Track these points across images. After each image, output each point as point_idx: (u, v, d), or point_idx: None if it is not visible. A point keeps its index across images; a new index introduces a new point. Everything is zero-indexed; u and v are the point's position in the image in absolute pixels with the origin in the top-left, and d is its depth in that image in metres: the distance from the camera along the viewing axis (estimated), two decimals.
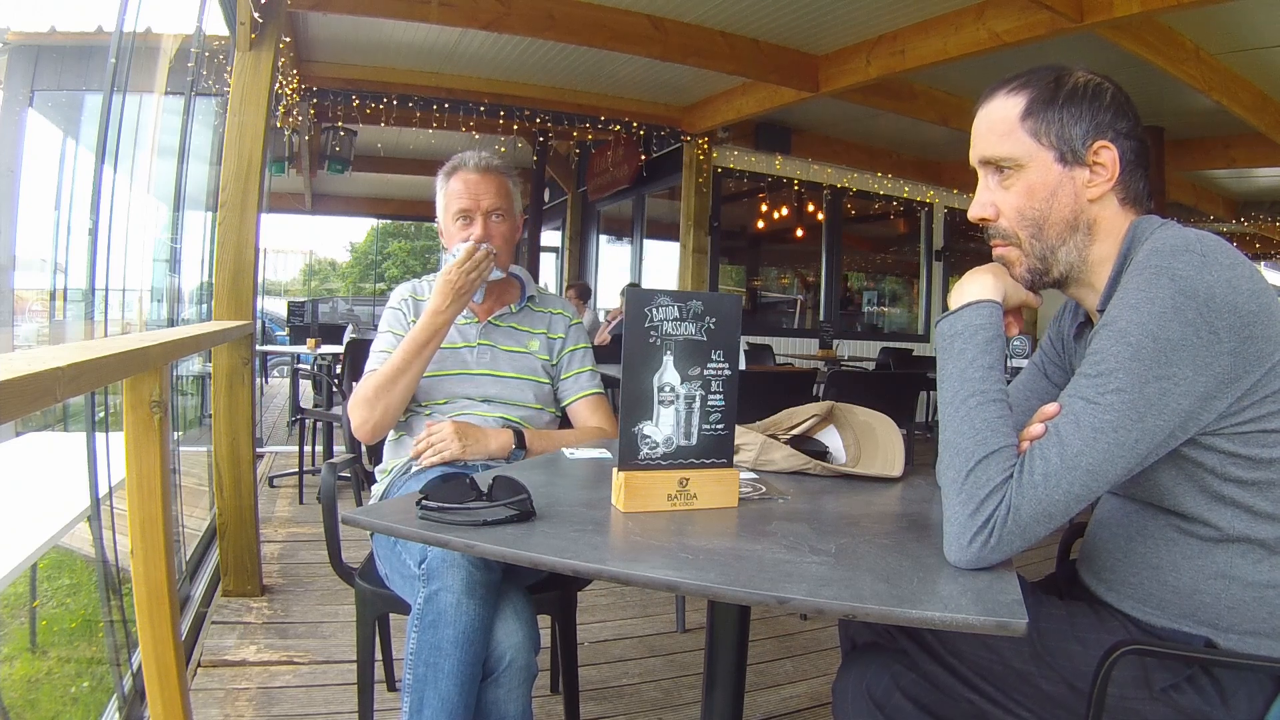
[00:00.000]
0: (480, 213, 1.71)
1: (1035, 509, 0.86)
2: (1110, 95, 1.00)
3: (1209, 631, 0.95)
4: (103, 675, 2.13)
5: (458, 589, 1.29)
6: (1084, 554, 1.10)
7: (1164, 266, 0.89)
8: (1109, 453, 0.86)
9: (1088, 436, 0.87)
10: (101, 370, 1.01)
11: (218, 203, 2.73)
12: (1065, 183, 0.99)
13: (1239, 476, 0.92)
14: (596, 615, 2.64)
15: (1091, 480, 0.87)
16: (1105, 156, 0.98)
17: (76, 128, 2.74)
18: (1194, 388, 0.87)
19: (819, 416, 1.43)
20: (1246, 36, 4.52)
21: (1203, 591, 0.95)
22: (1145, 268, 0.90)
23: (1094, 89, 1.00)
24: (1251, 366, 0.88)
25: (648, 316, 1.04)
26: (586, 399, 1.79)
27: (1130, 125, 1.00)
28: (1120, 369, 0.87)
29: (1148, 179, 1.03)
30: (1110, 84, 1.01)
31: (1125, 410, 0.86)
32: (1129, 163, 1.00)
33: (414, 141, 7.66)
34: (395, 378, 1.61)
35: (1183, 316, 0.86)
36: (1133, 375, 0.86)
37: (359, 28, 5.16)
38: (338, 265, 25.39)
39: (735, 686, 1.07)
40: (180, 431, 3.82)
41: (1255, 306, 0.88)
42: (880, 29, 4.80)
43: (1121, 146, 0.99)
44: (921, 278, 8.60)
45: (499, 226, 1.73)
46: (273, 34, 2.80)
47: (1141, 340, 0.86)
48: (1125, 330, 0.88)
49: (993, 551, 0.87)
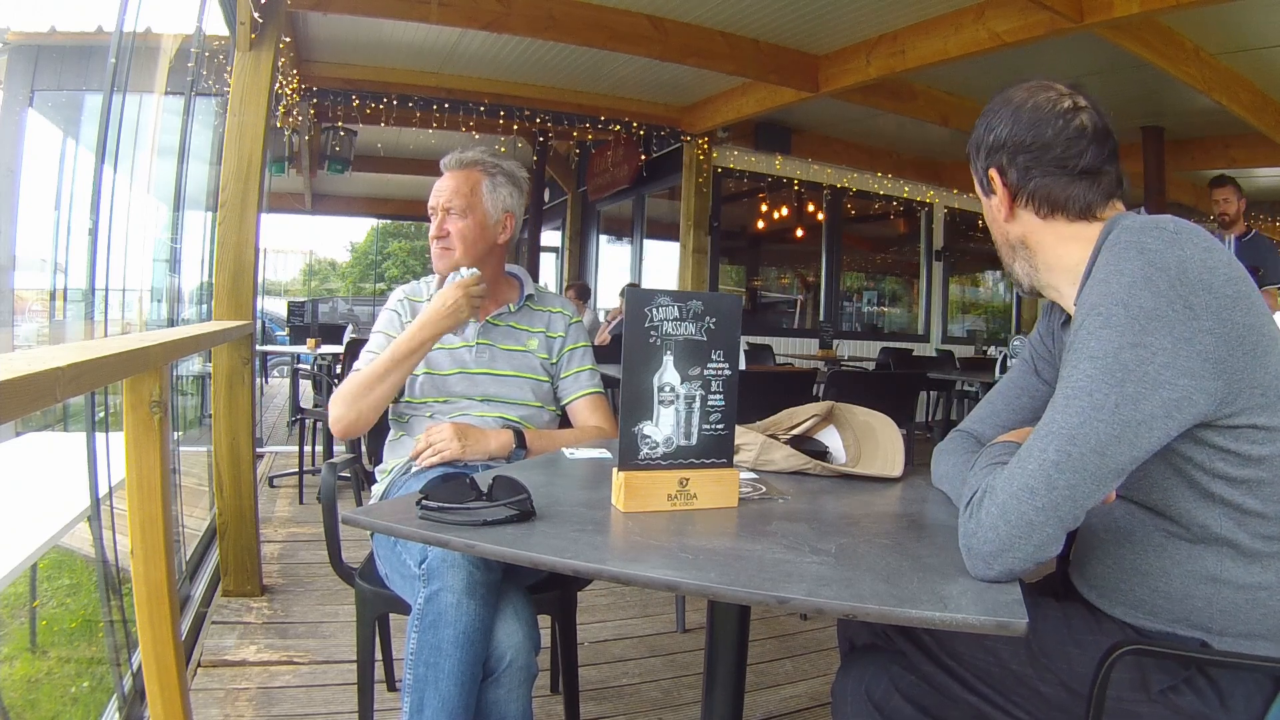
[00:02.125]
0: (440, 209, 1.72)
1: (1010, 484, 0.85)
2: (998, 122, 1.06)
3: (1203, 635, 0.94)
4: (103, 675, 2.13)
5: (458, 589, 1.29)
6: (1075, 561, 1.09)
7: (1132, 241, 0.90)
8: (1085, 416, 0.84)
9: (1061, 404, 0.86)
10: (101, 370, 1.01)
11: (218, 203, 2.73)
12: (988, 209, 1.12)
13: (1227, 473, 0.91)
14: (596, 615, 2.64)
15: (1069, 445, 0.84)
16: (997, 181, 1.07)
17: (76, 128, 2.74)
18: (1177, 360, 0.84)
19: (819, 416, 1.43)
20: (1246, 36, 4.52)
21: (1194, 596, 0.94)
22: (1115, 244, 0.92)
23: (983, 120, 1.09)
24: (1235, 350, 0.86)
25: (648, 316, 1.04)
26: (586, 398, 1.79)
27: (1019, 142, 1.03)
28: (1093, 338, 0.87)
29: (1094, 179, 1.02)
30: (1006, 110, 1.06)
31: (1099, 376, 0.85)
32: (1022, 179, 1.04)
33: (414, 141, 7.66)
34: (373, 384, 1.61)
35: (1153, 287, 0.86)
36: (1105, 342, 0.85)
37: (359, 28, 5.16)
38: (338, 265, 25.37)
39: (735, 686, 1.07)
40: (180, 431, 3.81)
41: (1232, 292, 0.87)
42: (880, 29, 4.80)
43: (1007, 166, 1.05)
44: (921, 278, 8.60)
45: (455, 223, 1.72)
46: (273, 34, 2.80)
47: (1112, 309, 0.86)
48: (1096, 304, 0.88)
49: (977, 536, 0.85)
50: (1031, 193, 1.03)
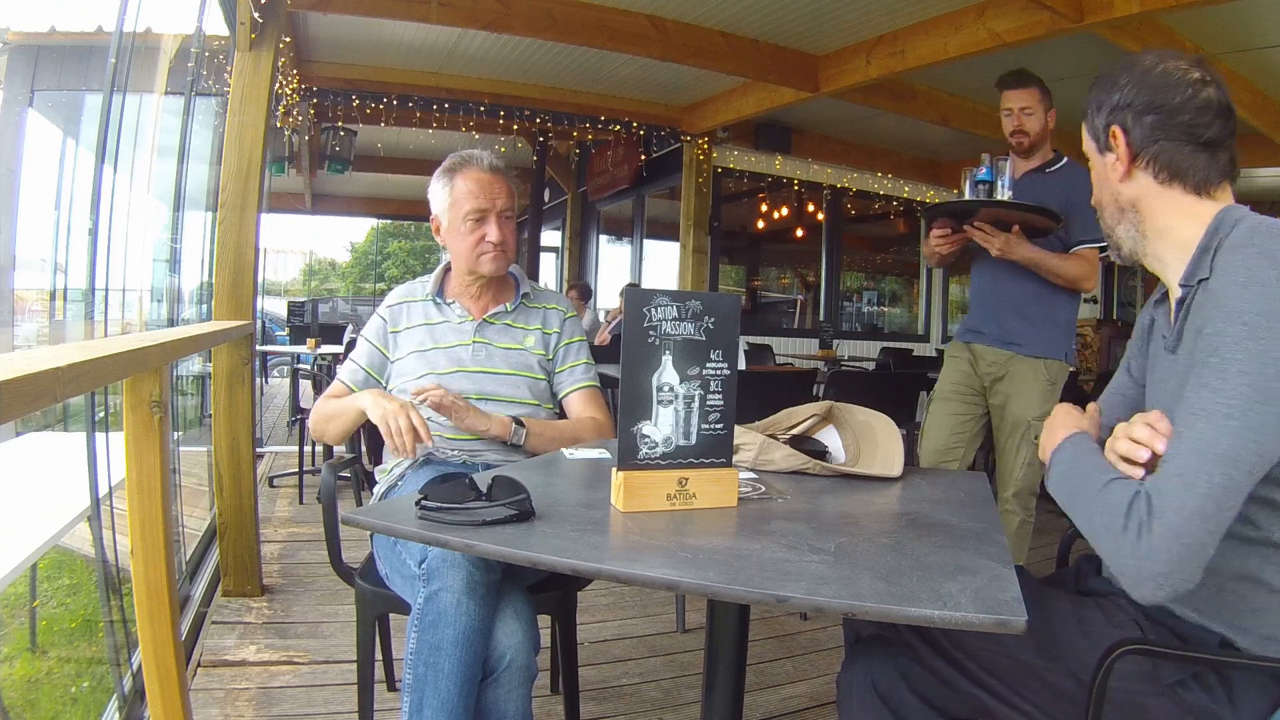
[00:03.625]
0: (495, 213, 1.73)
1: (1181, 507, 0.84)
2: (1126, 80, 1.04)
3: (1228, 630, 0.95)
4: (103, 675, 2.13)
5: (458, 589, 1.29)
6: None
7: (1265, 249, 0.89)
8: (1241, 436, 0.85)
9: (1218, 422, 0.86)
10: (101, 370, 1.02)
11: (218, 203, 2.73)
12: (1101, 168, 1.09)
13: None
14: (596, 615, 2.64)
15: (1232, 468, 0.84)
16: (1120, 138, 1.04)
17: (76, 128, 2.74)
18: None
19: (818, 416, 1.44)
20: (1246, 36, 4.52)
21: (1229, 590, 0.95)
22: (1243, 246, 0.91)
23: (1109, 78, 1.07)
24: None
25: (647, 316, 1.04)
26: (581, 392, 1.81)
27: (1147, 103, 1.02)
28: (1239, 349, 0.86)
29: (1214, 153, 1.02)
30: (1134, 70, 1.05)
31: (1253, 395, 0.85)
32: (1146, 139, 1.03)
33: (414, 141, 7.66)
34: (329, 419, 1.71)
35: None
36: (1252, 355, 0.86)
37: (359, 28, 5.16)
38: (338, 265, 25.37)
39: (735, 686, 1.07)
40: (180, 431, 3.81)
41: None
42: (880, 29, 4.80)
43: (1132, 125, 1.03)
44: (921, 278, 8.60)
45: (508, 225, 1.76)
46: (273, 34, 2.80)
47: (1255, 320, 0.86)
48: (1237, 311, 0.88)
49: (1152, 558, 0.84)
50: (1154, 155, 1.03)
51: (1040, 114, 2.49)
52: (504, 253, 1.74)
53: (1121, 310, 9.37)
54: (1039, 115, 2.48)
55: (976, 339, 2.59)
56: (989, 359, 2.54)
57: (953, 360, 2.65)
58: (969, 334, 2.63)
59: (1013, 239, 2.36)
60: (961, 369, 2.60)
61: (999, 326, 2.53)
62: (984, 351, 2.55)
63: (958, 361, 2.62)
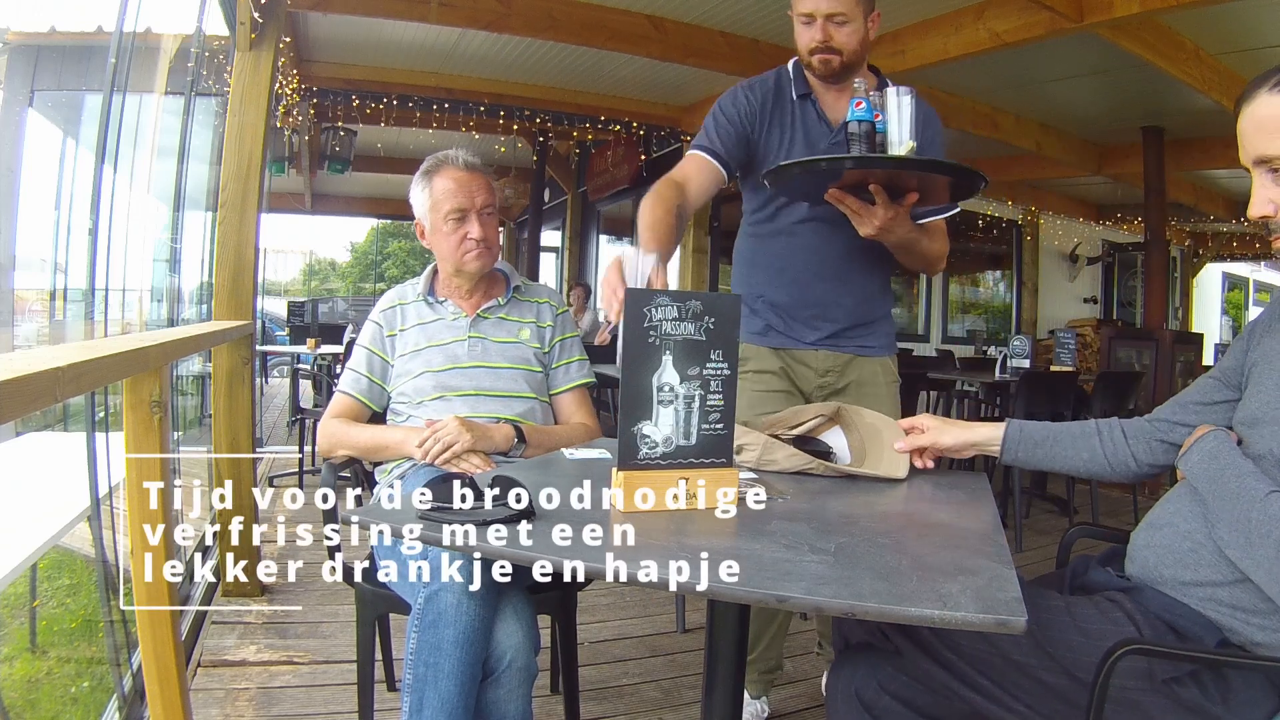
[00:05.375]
0: (476, 210, 1.72)
1: None
2: None
3: (1226, 629, 0.95)
4: (103, 675, 2.13)
5: (458, 589, 1.29)
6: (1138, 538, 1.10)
7: None
8: None
9: None
10: (101, 370, 1.02)
11: (218, 203, 2.73)
12: None
13: None
14: (596, 615, 2.64)
15: None
16: None
17: (76, 128, 2.74)
18: None
19: (825, 417, 1.43)
20: (1246, 36, 4.52)
21: (1228, 589, 0.95)
22: None
23: None
24: None
25: (647, 316, 1.04)
26: (573, 391, 1.81)
27: None
28: None
29: None
30: None
31: None
32: None
33: (414, 141, 7.65)
34: (344, 443, 1.69)
35: None
36: None
37: (359, 28, 5.16)
38: (338, 265, 25.35)
39: (735, 686, 1.07)
40: (180, 431, 3.81)
41: None
42: (880, 29, 4.80)
43: None
44: (921, 278, 8.58)
45: (490, 222, 1.75)
46: (273, 34, 2.80)
47: None
48: None
49: None
50: None
51: (860, 22, 1.73)
52: (488, 249, 1.74)
53: (1121, 310, 9.36)
54: (857, 24, 1.72)
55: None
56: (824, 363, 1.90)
57: None
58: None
59: (903, 213, 1.54)
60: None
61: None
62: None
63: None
